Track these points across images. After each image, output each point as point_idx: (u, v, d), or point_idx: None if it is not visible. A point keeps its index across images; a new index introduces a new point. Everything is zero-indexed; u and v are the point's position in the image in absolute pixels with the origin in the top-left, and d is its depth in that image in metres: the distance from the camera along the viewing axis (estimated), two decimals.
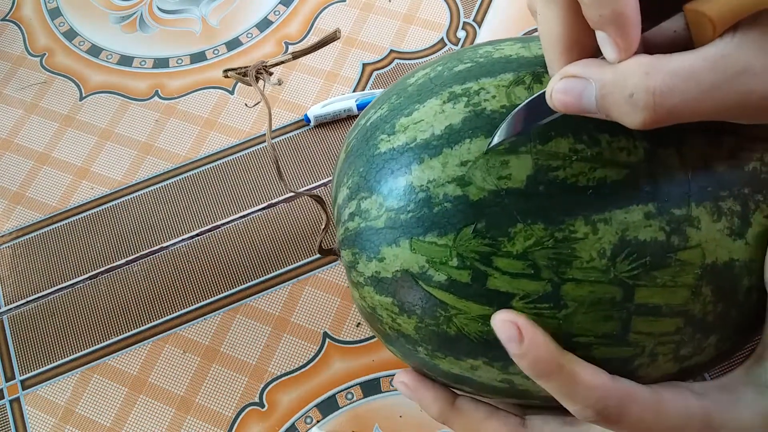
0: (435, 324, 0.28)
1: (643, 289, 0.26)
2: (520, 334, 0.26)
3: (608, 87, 0.23)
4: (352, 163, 0.31)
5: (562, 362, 0.26)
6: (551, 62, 0.26)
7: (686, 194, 0.27)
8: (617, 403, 0.26)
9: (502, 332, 0.26)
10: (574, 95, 0.24)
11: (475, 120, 0.28)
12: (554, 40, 0.25)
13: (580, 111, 0.24)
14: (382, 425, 0.49)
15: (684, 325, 0.27)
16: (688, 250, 0.27)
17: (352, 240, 0.30)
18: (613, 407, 0.26)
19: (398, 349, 0.31)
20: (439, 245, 0.27)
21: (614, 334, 0.27)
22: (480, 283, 0.27)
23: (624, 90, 0.23)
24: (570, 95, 0.24)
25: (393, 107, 0.31)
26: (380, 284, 0.29)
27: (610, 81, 0.23)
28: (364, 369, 0.51)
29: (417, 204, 0.28)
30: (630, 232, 0.26)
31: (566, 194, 0.26)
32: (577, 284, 0.26)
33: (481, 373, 0.29)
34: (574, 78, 0.24)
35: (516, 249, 0.26)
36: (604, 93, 0.23)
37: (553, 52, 0.25)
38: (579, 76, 0.24)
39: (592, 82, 0.24)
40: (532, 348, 0.26)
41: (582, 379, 0.26)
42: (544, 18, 0.25)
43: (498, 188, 0.27)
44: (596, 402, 0.26)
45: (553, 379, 0.26)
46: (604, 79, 0.23)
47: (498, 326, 0.26)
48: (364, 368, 0.51)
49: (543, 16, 0.25)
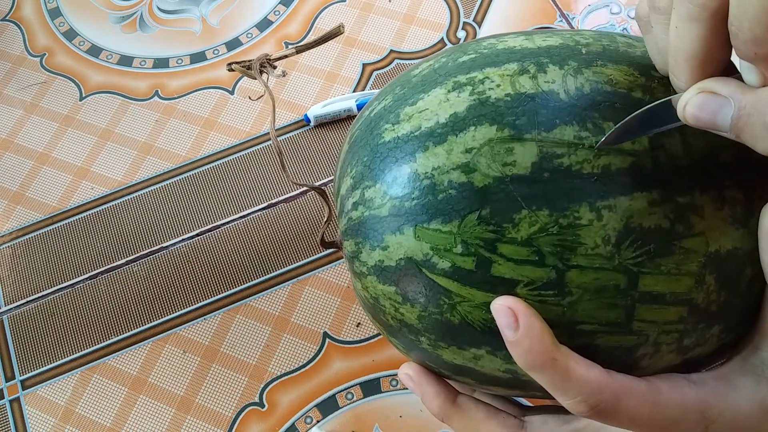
0: (438, 312, 0.28)
1: (648, 276, 0.26)
2: (516, 321, 0.26)
3: (748, 109, 0.23)
4: (356, 153, 0.31)
5: (556, 356, 0.26)
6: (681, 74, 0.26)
7: (690, 182, 0.27)
8: (612, 397, 0.26)
9: (500, 317, 0.26)
10: (710, 112, 0.24)
11: (480, 108, 0.28)
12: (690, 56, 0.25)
13: (709, 127, 0.24)
14: (382, 425, 0.49)
15: (688, 314, 0.27)
16: (692, 237, 0.27)
17: (356, 229, 0.30)
18: (608, 401, 0.26)
19: (401, 341, 0.31)
20: (444, 232, 0.27)
21: (618, 322, 0.27)
22: (484, 269, 0.27)
23: (764, 116, 0.23)
24: (706, 112, 0.24)
25: (397, 98, 0.31)
26: (383, 273, 0.29)
27: (750, 104, 0.23)
28: (364, 369, 0.51)
29: (421, 191, 0.28)
30: (634, 219, 0.26)
31: (571, 181, 0.26)
32: (582, 271, 0.26)
33: (484, 363, 0.29)
34: (712, 95, 0.24)
35: (520, 235, 0.26)
36: (742, 114, 0.23)
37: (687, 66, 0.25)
38: (719, 93, 0.24)
39: (731, 102, 0.24)
40: (526, 337, 0.26)
41: (575, 373, 0.26)
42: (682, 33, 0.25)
43: (503, 175, 0.27)
44: (589, 396, 0.26)
45: (547, 371, 0.26)
46: (745, 102, 0.23)
47: (496, 311, 0.26)
48: (364, 368, 0.51)
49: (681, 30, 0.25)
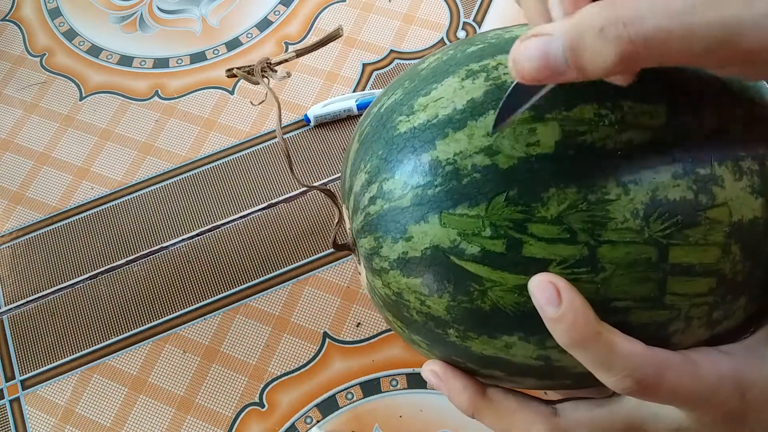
0: (468, 300, 0.28)
1: (677, 248, 0.27)
2: (558, 296, 0.25)
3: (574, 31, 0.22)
4: (369, 148, 0.31)
5: (600, 330, 0.25)
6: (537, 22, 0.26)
7: (708, 154, 0.27)
8: (655, 371, 0.26)
9: (539, 294, 0.26)
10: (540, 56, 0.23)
11: (497, 92, 0.28)
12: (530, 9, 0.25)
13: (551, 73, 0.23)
14: (382, 425, 0.49)
15: (717, 285, 0.27)
16: (716, 208, 0.27)
17: (375, 224, 0.30)
18: (652, 376, 0.26)
19: (425, 337, 0.31)
20: (471, 216, 0.27)
21: (651, 296, 0.27)
22: (515, 251, 0.27)
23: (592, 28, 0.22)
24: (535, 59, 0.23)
25: (408, 90, 0.31)
26: (408, 265, 0.29)
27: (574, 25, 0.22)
28: (364, 369, 0.51)
29: (444, 177, 0.27)
30: (660, 192, 0.26)
31: (596, 157, 0.27)
32: (613, 246, 0.26)
33: (515, 351, 0.29)
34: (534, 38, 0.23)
35: (550, 213, 0.26)
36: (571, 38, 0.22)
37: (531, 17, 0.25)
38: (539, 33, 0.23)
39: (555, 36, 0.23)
40: (569, 311, 0.25)
41: (620, 347, 0.25)
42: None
43: (527, 155, 0.27)
44: (635, 371, 0.25)
45: (590, 346, 0.25)
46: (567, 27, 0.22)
47: (535, 288, 0.26)
48: (364, 368, 0.51)
49: None
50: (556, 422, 0.30)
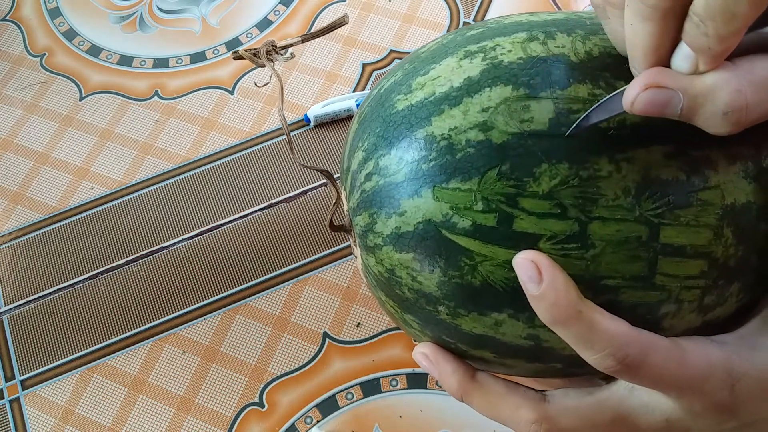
0: (459, 275, 0.28)
1: (668, 228, 0.27)
2: (539, 274, 0.26)
3: (699, 100, 0.24)
4: (367, 127, 0.31)
5: (581, 308, 0.26)
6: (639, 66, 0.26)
7: (701, 137, 0.27)
8: (639, 351, 0.26)
9: (522, 271, 0.26)
10: (659, 105, 0.24)
11: (494, 71, 0.28)
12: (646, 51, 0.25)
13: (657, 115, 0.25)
14: (382, 425, 0.49)
15: (708, 268, 0.27)
16: (709, 190, 0.27)
17: (369, 200, 0.30)
18: (635, 356, 0.26)
19: (417, 315, 0.31)
20: (464, 190, 0.27)
21: (641, 275, 0.27)
22: (506, 225, 0.27)
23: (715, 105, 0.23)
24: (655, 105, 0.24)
25: (407, 71, 0.31)
26: (400, 240, 0.29)
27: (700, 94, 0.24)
28: (364, 369, 0.51)
29: (439, 152, 0.28)
30: (652, 170, 0.27)
31: (589, 134, 0.27)
32: (604, 222, 0.26)
33: (505, 330, 0.29)
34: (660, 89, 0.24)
35: (542, 189, 0.26)
36: (693, 105, 0.24)
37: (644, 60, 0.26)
38: (668, 87, 0.24)
39: (680, 95, 0.24)
40: (550, 290, 0.25)
41: (602, 325, 0.26)
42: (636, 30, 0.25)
43: (521, 131, 0.27)
44: (617, 350, 0.26)
45: (572, 325, 0.26)
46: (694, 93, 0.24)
47: (518, 265, 0.26)
48: (364, 368, 0.51)
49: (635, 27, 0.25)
50: (545, 408, 0.30)
